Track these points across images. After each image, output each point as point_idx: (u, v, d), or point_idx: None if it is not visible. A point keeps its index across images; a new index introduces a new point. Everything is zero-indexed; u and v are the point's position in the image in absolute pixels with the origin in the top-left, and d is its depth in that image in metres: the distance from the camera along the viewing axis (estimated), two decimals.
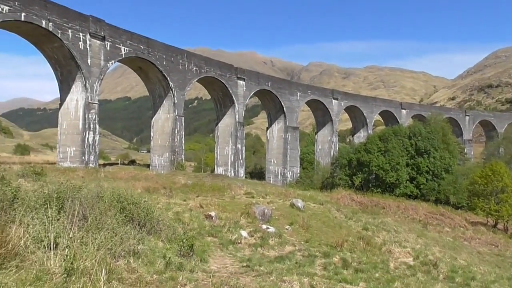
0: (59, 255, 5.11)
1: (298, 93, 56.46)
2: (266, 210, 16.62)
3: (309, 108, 65.45)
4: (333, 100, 61.42)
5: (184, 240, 8.76)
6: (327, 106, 60.29)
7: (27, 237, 5.25)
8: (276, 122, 55.39)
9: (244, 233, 13.62)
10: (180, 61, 42.13)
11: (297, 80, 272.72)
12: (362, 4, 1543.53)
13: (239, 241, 12.86)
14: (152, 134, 42.94)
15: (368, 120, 66.36)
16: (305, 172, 57.02)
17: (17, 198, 8.23)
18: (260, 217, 15.99)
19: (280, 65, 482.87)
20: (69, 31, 32.13)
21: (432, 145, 42.74)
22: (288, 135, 54.34)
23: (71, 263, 4.63)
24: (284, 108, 54.03)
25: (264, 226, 14.99)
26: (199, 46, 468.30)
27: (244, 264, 9.78)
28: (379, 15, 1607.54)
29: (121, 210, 9.51)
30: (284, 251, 13.02)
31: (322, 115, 62.02)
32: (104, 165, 40.28)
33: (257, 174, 59.15)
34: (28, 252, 5.12)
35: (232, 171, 47.00)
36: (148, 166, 43.59)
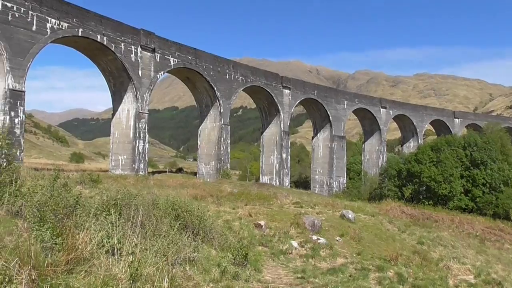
0: (123, 260, 5.16)
1: (345, 102, 55.53)
2: (316, 221, 16.27)
3: (355, 117, 64.17)
4: (381, 109, 59.84)
5: (239, 249, 8.68)
6: (374, 115, 58.82)
7: (92, 243, 5.35)
8: (321, 131, 54.69)
9: (294, 244, 13.39)
10: (227, 71, 42.74)
11: (343, 88, 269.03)
12: (410, 10, 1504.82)
13: (290, 252, 12.65)
14: (199, 142, 43.71)
15: (418, 130, 63.98)
16: (352, 182, 55.75)
17: (79, 204, 8.50)
18: (310, 228, 15.67)
19: (326, 73, 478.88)
20: (122, 44, 33.51)
21: (489, 156, 40.41)
22: (334, 144, 53.43)
23: (136, 270, 4.65)
24: (330, 117, 53.27)
25: (314, 237, 14.67)
26: (244, 56, 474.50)
27: (299, 276, 9.55)
28: (430, 21, 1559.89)
29: (176, 218, 9.60)
30: (336, 263, 12.65)
31: (369, 124, 60.57)
32: (153, 172, 41.44)
33: (302, 183, 58.54)
34: (93, 257, 5.21)
35: (277, 180, 46.80)
36: (195, 174, 44.34)
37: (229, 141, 43.01)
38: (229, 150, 43.12)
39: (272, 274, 9.48)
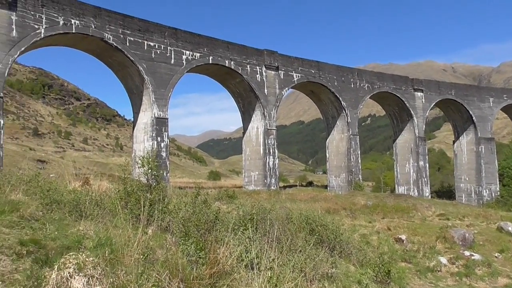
0: (262, 275, 5.11)
1: (490, 99, 49.15)
2: (467, 235, 14.39)
3: (506, 115, 56.21)
4: None
5: (380, 265, 8.03)
6: None
7: (232, 257, 5.43)
8: (464, 134, 49.19)
9: (443, 260, 11.99)
10: (351, 80, 41.67)
11: (486, 84, 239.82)
12: None
13: (438, 269, 11.36)
14: (327, 155, 43.19)
15: None
16: (507, 190, 48.49)
17: (218, 220, 8.88)
18: (460, 242, 13.90)
19: (463, 70, 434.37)
20: (248, 66, 35.29)
21: None
22: (481, 148, 47.47)
23: (275, 285, 4.53)
24: (473, 118, 47.63)
25: (466, 253, 12.96)
26: (368, 63, 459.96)
27: None
28: None
29: (310, 232, 9.38)
30: (497, 283, 10.92)
31: None
32: (284, 187, 42.20)
33: (444, 193, 53.16)
34: (234, 272, 5.27)
35: (415, 190, 43.35)
36: (325, 187, 43.80)
37: (359, 152, 41.53)
38: (359, 161, 41.61)
39: None
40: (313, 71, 39.28)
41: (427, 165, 45.71)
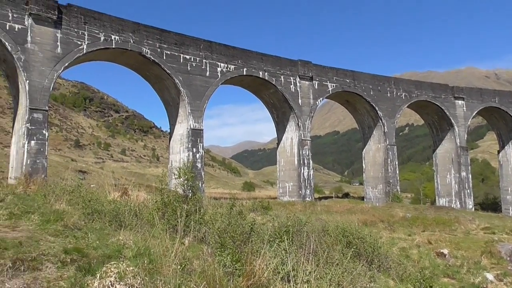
0: None
1: None
2: None
3: None
4: None
5: (421, 281, 7.73)
6: None
7: (268, 269, 5.38)
8: (510, 143, 46.95)
9: (489, 276, 11.38)
10: (388, 88, 40.87)
11: None
12: None
13: (484, 285, 10.79)
14: (364, 165, 42.36)
15: None
16: None
17: (253, 231, 8.86)
18: (508, 258, 13.18)
19: (508, 76, 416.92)
20: (282, 77, 35.36)
21: None
22: None
23: None
24: None
25: None
26: (405, 71, 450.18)
27: None
28: None
29: (347, 245, 9.19)
30: None
31: None
32: (320, 198, 41.65)
33: (489, 205, 50.75)
34: (270, 284, 5.22)
35: (457, 202, 41.64)
36: (362, 198, 42.89)
37: (396, 162, 40.47)
38: (397, 172, 40.52)
39: None
40: (348, 81, 38.85)
41: (470, 176, 43.86)
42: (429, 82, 46.54)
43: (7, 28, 22.87)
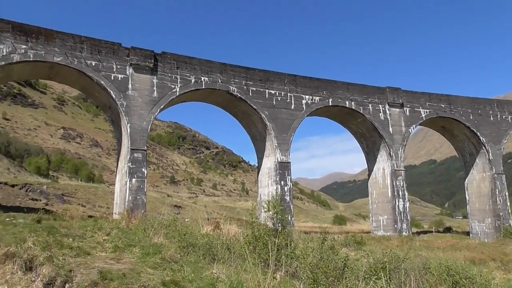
0: None
1: None
2: None
3: None
4: None
5: None
6: None
7: None
8: None
9: None
10: (490, 112, 37.49)
11: None
12: None
13: None
14: (467, 197, 38.65)
15: None
16: None
17: (347, 267, 8.43)
18: None
19: None
20: (369, 105, 34.36)
21: None
22: None
23: None
24: None
25: None
26: (508, 92, 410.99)
27: None
28: None
29: (453, 285, 8.28)
30: None
31: None
32: (418, 233, 38.74)
33: None
34: None
35: None
36: (467, 233, 38.94)
37: (506, 193, 36.27)
38: (508, 204, 36.18)
39: None
40: (443, 105, 36.46)
41: None
42: None
43: (112, 78, 25.67)
